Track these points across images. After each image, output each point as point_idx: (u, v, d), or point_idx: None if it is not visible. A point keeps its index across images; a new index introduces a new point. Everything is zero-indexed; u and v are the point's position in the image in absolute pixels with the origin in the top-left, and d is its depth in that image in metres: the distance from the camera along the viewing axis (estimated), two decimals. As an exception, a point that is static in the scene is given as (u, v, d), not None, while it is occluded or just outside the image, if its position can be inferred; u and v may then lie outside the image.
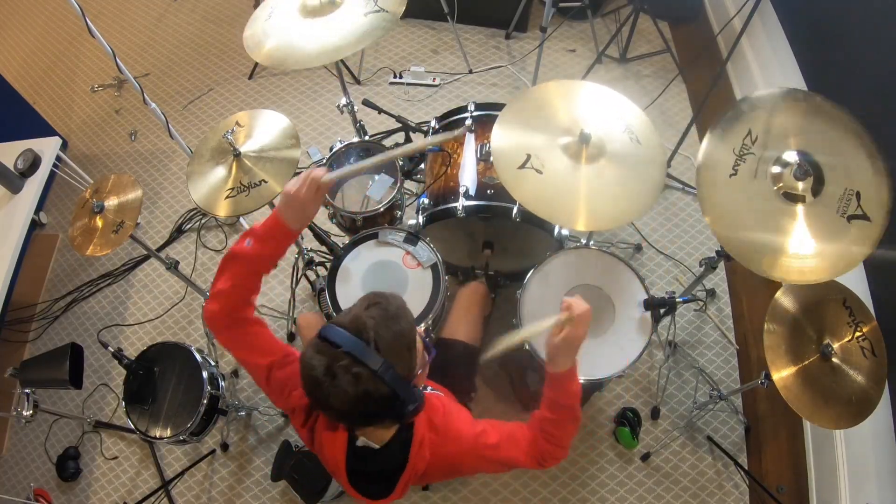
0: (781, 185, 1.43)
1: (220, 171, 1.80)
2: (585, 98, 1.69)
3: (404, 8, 1.77)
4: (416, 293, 1.76)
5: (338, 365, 0.94)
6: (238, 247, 1.19)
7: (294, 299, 2.50)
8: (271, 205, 1.84)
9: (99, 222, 1.79)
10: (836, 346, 1.52)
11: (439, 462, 1.17)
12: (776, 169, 1.44)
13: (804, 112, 1.48)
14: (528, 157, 1.55)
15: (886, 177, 1.38)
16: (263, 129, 1.86)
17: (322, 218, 2.49)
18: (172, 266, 2.01)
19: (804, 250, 1.39)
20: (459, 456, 1.18)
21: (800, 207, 1.41)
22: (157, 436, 1.84)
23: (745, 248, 1.41)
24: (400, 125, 2.28)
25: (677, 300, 1.67)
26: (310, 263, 2.29)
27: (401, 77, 3.15)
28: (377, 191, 1.98)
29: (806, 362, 1.53)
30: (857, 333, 1.54)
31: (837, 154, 1.43)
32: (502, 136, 1.60)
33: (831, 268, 1.38)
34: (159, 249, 2.81)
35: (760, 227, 1.42)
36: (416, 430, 1.15)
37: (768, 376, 1.54)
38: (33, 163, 2.51)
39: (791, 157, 1.43)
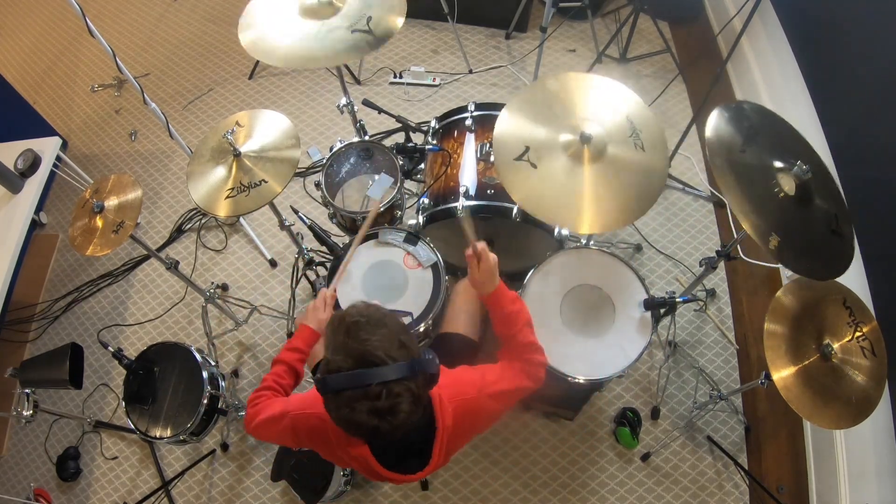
0: (778, 179, 1.45)
1: (220, 171, 1.80)
2: (597, 95, 1.66)
3: (390, 37, 1.78)
4: (416, 293, 1.76)
5: (381, 403, 0.97)
6: (285, 356, 1.47)
7: (294, 299, 2.50)
8: (272, 205, 1.84)
9: (99, 222, 1.79)
10: (836, 346, 1.52)
11: (462, 411, 1.21)
12: (778, 163, 1.46)
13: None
14: (527, 149, 1.55)
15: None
16: (263, 129, 1.85)
17: (322, 218, 2.49)
18: (172, 266, 2.01)
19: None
20: (476, 400, 1.24)
21: (792, 208, 1.44)
22: (157, 436, 1.84)
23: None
24: (400, 125, 2.28)
25: (677, 300, 1.68)
26: (310, 263, 2.29)
27: (401, 77, 3.15)
28: (377, 190, 1.98)
29: (806, 362, 1.53)
30: (857, 333, 1.54)
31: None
32: (507, 124, 1.60)
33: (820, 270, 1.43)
34: (159, 249, 2.81)
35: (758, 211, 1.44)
36: (431, 391, 1.18)
37: (768, 376, 1.54)
38: (33, 163, 2.51)
39: (789, 160, 1.46)
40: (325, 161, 2.03)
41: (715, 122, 1.49)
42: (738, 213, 1.40)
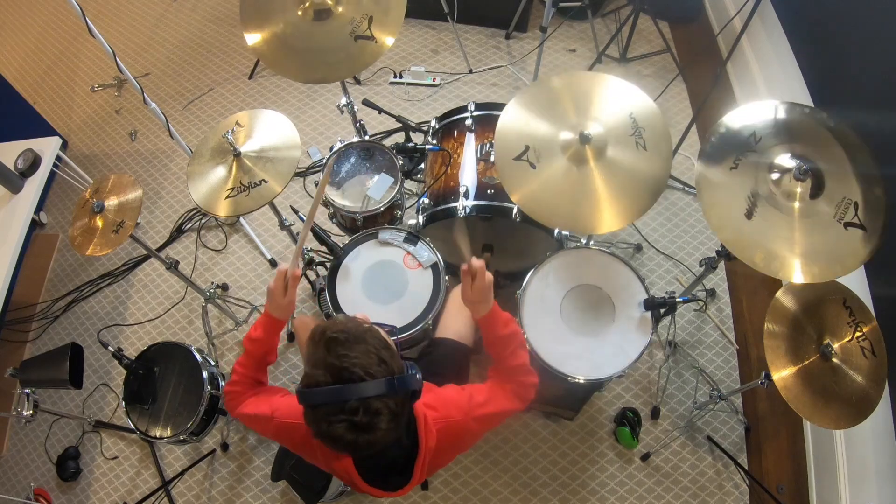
0: (780, 183, 1.44)
1: (220, 171, 1.80)
2: (602, 92, 1.66)
3: (391, 42, 1.79)
4: (416, 293, 1.76)
5: (358, 419, 0.96)
6: (245, 343, 1.40)
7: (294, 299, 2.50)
8: (272, 205, 1.84)
9: (99, 222, 1.79)
10: (836, 346, 1.52)
11: (446, 433, 1.20)
12: (778, 163, 1.46)
13: (807, 124, 1.51)
14: (527, 148, 1.56)
15: (884, 193, 1.42)
16: (263, 129, 1.85)
17: (322, 218, 2.49)
18: (172, 266, 2.01)
19: (797, 249, 1.41)
20: (461, 423, 1.23)
21: (797, 207, 1.43)
22: (157, 436, 1.84)
23: (740, 241, 1.43)
24: (400, 125, 2.28)
25: (677, 300, 1.68)
26: (310, 263, 2.28)
27: (401, 77, 3.15)
28: (377, 190, 1.98)
29: (806, 362, 1.53)
30: (857, 333, 1.54)
31: (838, 165, 1.45)
32: (508, 122, 1.61)
33: (826, 270, 1.40)
34: (159, 249, 2.81)
35: (757, 223, 1.43)
36: (417, 411, 1.18)
37: (768, 376, 1.54)
38: (33, 163, 2.51)
39: (791, 161, 1.45)
40: (325, 161, 2.03)
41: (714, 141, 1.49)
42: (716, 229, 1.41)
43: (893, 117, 1.87)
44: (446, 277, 1.78)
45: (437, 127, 2.11)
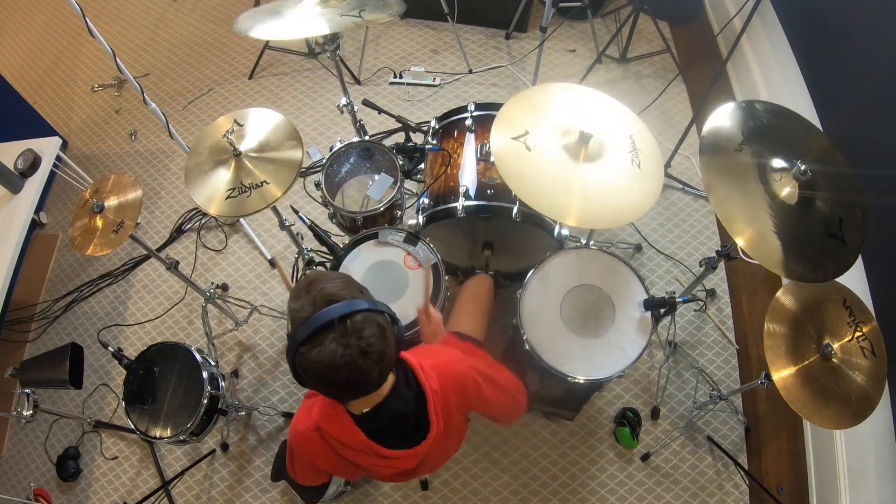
0: (774, 180, 1.46)
1: (220, 172, 1.79)
2: (603, 109, 1.68)
3: (379, 20, 1.80)
4: (416, 293, 1.76)
5: (348, 337, 0.97)
6: None
7: (294, 299, 2.50)
8: (272, 206, 1.84)
9: (99, 222, 1.79)
10: (836, 346, 1.52)
11: (446, 376, 1.21)
12: (777, 163, 1.47)
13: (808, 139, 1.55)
14: (526, 132, 1.57)
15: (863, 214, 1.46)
16: (263, 129, 1.85)
17: (322, 218, 2.49)
18: (172, 266, 2.01)
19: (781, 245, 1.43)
20: (461, 368, 1.25)
21: (787, 207, 1.45)
22: (157, 436, 1.84)
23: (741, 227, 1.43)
24: (400, 125, 2.28)
25: (677, 300, 1.68)
26: (310, 263, 2.28)
27: (401, 77, 3.15)
28: (377, 190, 1.98)
29: (806, 362, 1.53)
30: (857, 333, 1.54)
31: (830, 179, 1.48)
32: (512, 110, 1.63)
33: (811, 270, 1.42)
34: (159, 249, 2.81)
35: (749, 208, 1.44)
36: (409, 361, 1.20)
37: (768, 376, 1.54)
38: (33, 163, 2.51)
39: (788, 162, 1.46)
40: (325, 161, 2.03)
41: (717, 117, 1.50)
42: (717, 208, 1.42)
43: (893, 117, 1.88)
44: (446, 277, 1.78)
45: (437, 127, 2.11)
